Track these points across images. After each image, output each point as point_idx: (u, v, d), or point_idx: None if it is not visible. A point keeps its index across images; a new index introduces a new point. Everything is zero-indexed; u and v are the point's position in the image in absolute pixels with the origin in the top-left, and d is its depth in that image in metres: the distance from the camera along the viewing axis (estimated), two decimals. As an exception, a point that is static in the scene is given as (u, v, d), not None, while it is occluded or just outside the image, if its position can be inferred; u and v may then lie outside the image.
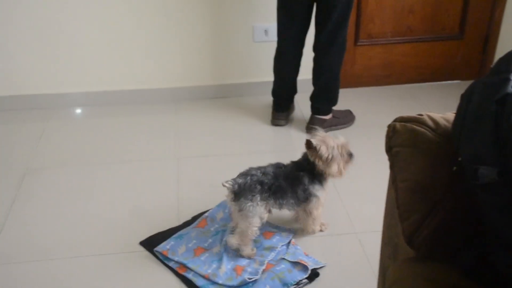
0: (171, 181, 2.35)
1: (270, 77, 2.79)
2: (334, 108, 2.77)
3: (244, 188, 1.79)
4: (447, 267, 1.11)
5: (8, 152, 2.61)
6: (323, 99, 2.71)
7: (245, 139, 2.71)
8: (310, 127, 2.73)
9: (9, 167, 2.48)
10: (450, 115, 1.19)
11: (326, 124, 2.73)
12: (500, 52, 3.18)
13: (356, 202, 2.21)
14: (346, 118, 2.82)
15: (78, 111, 3.02)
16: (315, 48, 2.62)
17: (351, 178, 2.35)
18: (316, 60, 2.65)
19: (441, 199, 1.15)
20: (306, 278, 1.79)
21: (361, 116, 2.88)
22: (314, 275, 1.81)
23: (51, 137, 2.74)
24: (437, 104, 3.00)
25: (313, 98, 2.73)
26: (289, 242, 1.94)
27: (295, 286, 1.76)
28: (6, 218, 2.12)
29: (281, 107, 2.81)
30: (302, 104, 2.91)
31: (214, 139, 2.71)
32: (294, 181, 1.87)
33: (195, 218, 2.09)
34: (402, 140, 1.23)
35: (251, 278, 1.77)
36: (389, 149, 1.27)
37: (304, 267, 1.81)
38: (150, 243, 1.96)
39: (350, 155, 1.89)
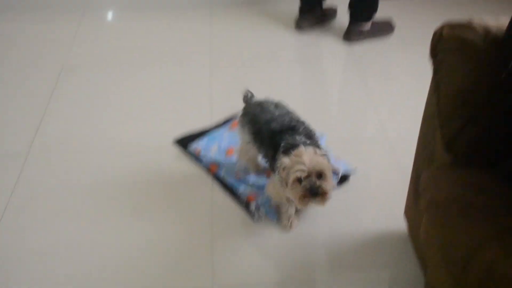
0: (204, 84, 2.37)
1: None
2: (374, 17, 2.68)
3: (246, 112, 1.71)
4: (486, 173, 1.13)
5: (44, 51, 2.62)
6: (362, 6, 2.62)
7: (279, 45, 2.68)
8: (347, 36, 2.67)
9: (44, 66, 2.51)
10: (503, 20, 1.15)
11: (363, 34, 2.66)
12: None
13: (390, 112, 2.21)
14: (386, 28, 2.73)
15: (111, 13, 2.99)
16: None
17: (386, 87, 2.34)
18: None
19: (484, 106, 1.15)
20: (336, 181, 1.83)
21: (401, 26, 2.79)
22: (344, 178, 1.85)
23: (85, 37, 2.74)
24: (488, 12, 2.86)
25: (352, 5, 2.64)
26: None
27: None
28: (44, 114, 2.19)
29: (306, 9, 2.72)
30: (341, 13, 2.82)
31: (249, 45, 2.68)
32: (275, 147, 1.56)
33: (227, 120, 2.13)
34: (449, 46, 1.20)
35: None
36: (434, 55, 1.25)
37: (335, 171, 1.84)
38: (183, 143, 2.02)
39: (311, 191, 1.43)
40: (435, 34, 1.23)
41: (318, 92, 2.38)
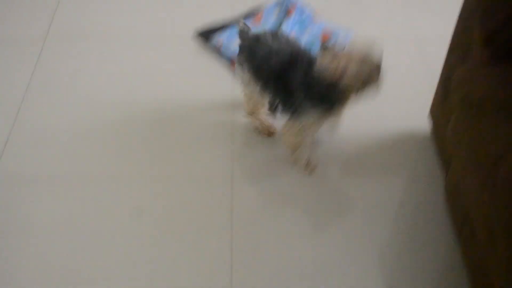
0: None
1: None
2: None
3: (242, 48, 1.49)
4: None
5: None
6: None
7: None
8: None
9: None
10: None
11: None
12: None
13: (420, 8, 2.11)
14: None
15: None
16: None
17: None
18: None
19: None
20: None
21: None
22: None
23: None
24: None
25: None
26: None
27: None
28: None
29: None
30: None
31: None
32: (285, 89, 1.41)
33: (249, 14, 2.03)
34: None
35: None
36: None
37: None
38: (205, 35, 1.95)
39: (377, 69, 1.31)
40: None
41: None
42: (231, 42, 1.90)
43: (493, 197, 1.00)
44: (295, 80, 1.37)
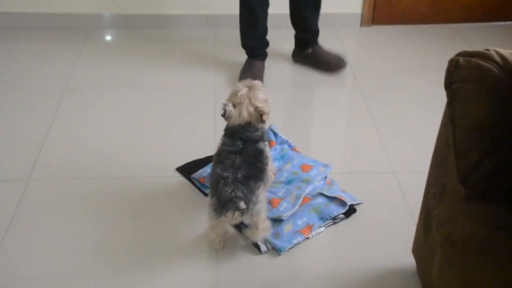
0: (208, 109, 2.32)
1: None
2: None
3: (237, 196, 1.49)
4: (503, 208, 1.07)
5: (47, 71, 2.59)
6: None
7: (281, 74, 2.64)
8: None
9: (48, 86, 2.47)
10: (522, 50, 1.11)
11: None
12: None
13: (396, 142, 2.15)
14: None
15: (114, 32, 2.98)
16: None
17: (391, 119, 2.29)
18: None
19: (502, 138, 1.10)
20: (343, 213, 1.77)
21: (406, 56, 2.78)
22: (351, 211, 1.79)
23: (88, 57, 2.71)
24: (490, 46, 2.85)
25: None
26: (325, 177, 1.90)
27: (331, 220, 1.75)
28: (47, 135, 2.13)
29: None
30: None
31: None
32: (257, 156, 1.60)
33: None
34: (466, 75, 1.16)
35: (286, 215, 1.73)
36: (449, 85, 1.20)
37: (342, 203, 1.78)
38: (187, 170, 1.96)
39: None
40: (451, 62, 1.18)
41: (322, 121, 2.33)
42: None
43: None
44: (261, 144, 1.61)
